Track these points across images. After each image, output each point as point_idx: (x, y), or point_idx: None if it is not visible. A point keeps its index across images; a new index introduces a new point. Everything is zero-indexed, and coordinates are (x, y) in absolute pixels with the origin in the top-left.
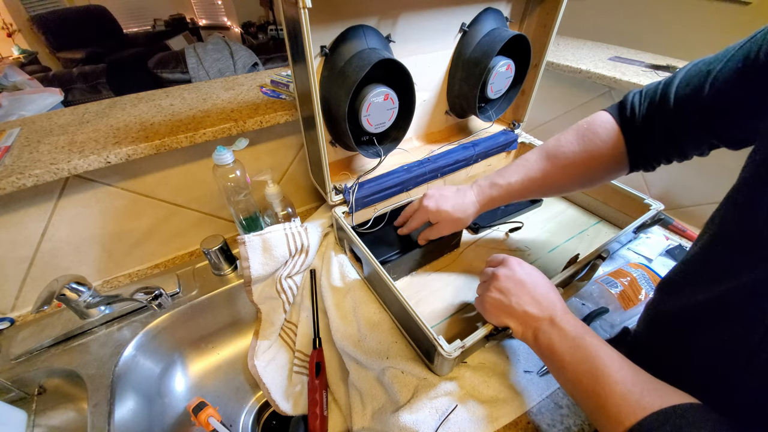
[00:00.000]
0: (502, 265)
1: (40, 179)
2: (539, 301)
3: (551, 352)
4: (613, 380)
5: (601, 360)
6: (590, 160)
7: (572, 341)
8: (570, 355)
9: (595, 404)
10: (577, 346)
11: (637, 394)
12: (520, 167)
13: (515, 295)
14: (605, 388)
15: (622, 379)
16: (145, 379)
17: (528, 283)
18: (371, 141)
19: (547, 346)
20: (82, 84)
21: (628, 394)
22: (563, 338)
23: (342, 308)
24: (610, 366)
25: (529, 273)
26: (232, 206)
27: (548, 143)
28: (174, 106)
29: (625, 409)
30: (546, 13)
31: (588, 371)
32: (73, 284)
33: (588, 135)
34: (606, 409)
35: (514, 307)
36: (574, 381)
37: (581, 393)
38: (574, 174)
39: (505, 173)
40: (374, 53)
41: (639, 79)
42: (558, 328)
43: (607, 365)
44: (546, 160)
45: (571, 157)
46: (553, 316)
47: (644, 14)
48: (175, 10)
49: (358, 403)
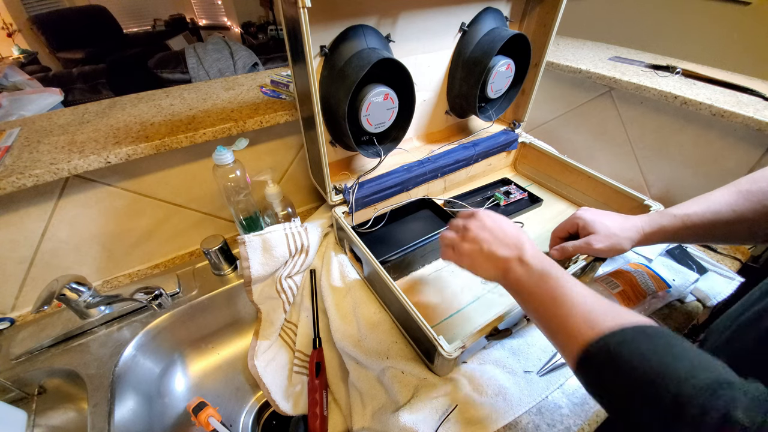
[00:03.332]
0: (473, 218)
1: (40, 179)
2: (508, 244)
3: (519, 286)
4: (573, 303)
5: (563, 288)
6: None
7: (538, 275)
8: (536, 287)
9: (556, 326)
10: (542, 278)
11: (594, 315)
12: (702, 199)
13: (486, 242)
14: (566, 311)
15: (582, 302)
16: (145, 379)
17: (496, 229)
18: (371, 141)
19: (516, 281)
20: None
21: (587, 314)
22: (530, 273)
23: (342, 308)
24: (571, 292)
25: (496, 220)
26: (232, 206)
27: (741, 179)
28: (174, 106)
29: (583, 327)
30: (546, 12)
31: (551, 298)
32: (73, 284)
33: None
34: (566, 329)
35: (486, 253)
36: (540, 309)
37: (545, 319)
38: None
39: (682, 204)
40: (374, 53)
41: (639, 79)
42: (526, 265)
43: (568, 292)
44: (736, 194)
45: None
46: (521, 256)
47: (644, 14)
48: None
49: (358, 403)
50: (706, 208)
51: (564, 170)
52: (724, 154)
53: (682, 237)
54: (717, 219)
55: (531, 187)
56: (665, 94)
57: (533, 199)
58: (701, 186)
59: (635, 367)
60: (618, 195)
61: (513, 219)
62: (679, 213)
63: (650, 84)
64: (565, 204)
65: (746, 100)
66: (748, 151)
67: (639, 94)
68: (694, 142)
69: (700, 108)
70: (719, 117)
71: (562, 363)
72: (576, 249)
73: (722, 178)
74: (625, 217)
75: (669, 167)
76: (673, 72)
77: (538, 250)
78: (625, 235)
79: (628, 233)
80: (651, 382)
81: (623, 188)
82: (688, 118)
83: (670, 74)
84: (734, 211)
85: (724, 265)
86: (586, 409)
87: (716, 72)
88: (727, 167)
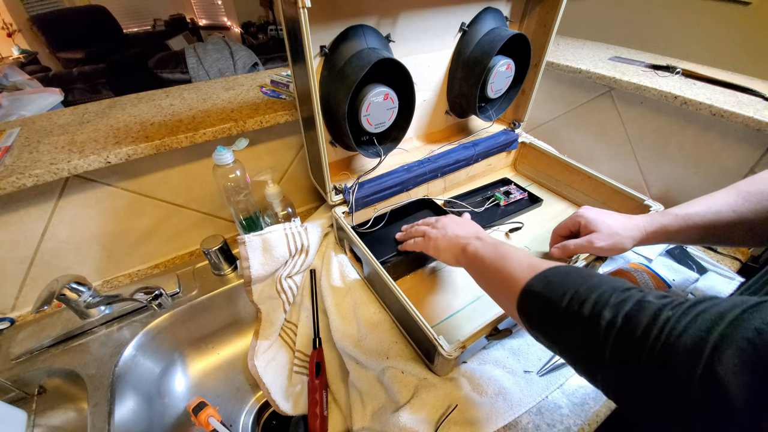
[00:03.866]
0: (439, 220)
1: (40, 179)
2: (467, 229)
3: (475, 256)
4: (515, 261)
5: (509, 253)
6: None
7: (491, 246)
8: (489, 256)
9: (500, 280)
10: (494, 248)
11: (531, 266)
12: (702, 199)
13: (450, 229)
14: (508, 268)
15: (521, 259)
16: (145, 379)
17: (459, 222)
18: (371, 141)
19: (473, 253)
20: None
21: (527, 267)
22: (485, 246)
23: (342, 308)
24: (514, 254)
25: (457, 218)
26: (232, 206)
27: (740, 181)
28: (174, 106)
29: (521, 275)
30: (546, 12)
31: (500, 261)
32: (73, 284)
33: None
34: (507, 280)
35: (450, 236)
36: (491, 272)
37: (494, 281)
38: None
39: (684, 205)
40: (374, 53)
41: (639, 79)
42: (481, 240)
43: (512, 254)
44: (736, 195)
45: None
46: (477, 235)
47: (644, 14)
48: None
49: (358, 403)
50: (707, 208)
51: (564, 170)
52: (724, 154)
53: (683, 237)
54: (718, 219)
55: (531, 187)
56: (665, 94)
57: (533, 199)
58: (701, 186)
59: (558, 293)
60: (618, 195)
61: (513, 219)
62: (680, 213)
63: (650, 84)
64: (565, 204)
65: (746, 100)
66: (748, 151)
67: (639, 94)
68: (694, 142)
69: (700, 108)
70: (719, 117)
71: (563, 363)
72: (578, 247)
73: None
74: (626, 217)
75: (669, 167)
76: (673, 72)
77: (489, 235)
78: (627, 234)
79: (630, 232)
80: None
81: (623, 188)
82: (688, 118)
83: (670, 74)
84: (734, 211)
85: (724, 265)
86: (586, 409)
87: (716, 72)
88: (727, 167)
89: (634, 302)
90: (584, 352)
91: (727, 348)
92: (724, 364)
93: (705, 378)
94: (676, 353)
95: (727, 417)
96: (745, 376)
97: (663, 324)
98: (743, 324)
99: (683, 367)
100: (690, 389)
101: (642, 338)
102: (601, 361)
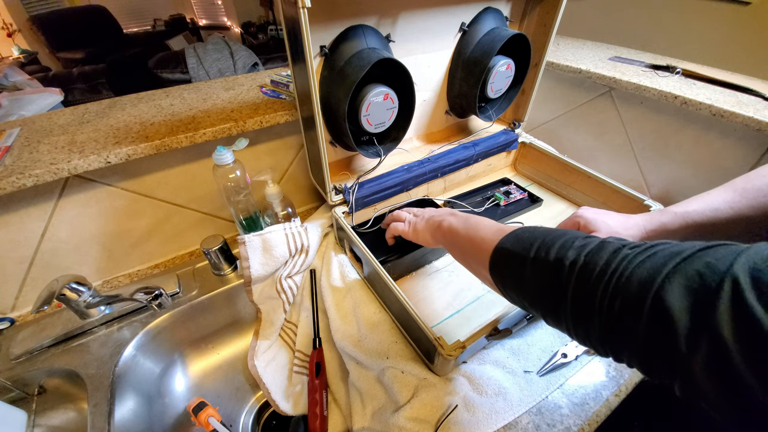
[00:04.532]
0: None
1: (40, 179)
2: (439, 212)
3: (450, 229)
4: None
5: (479, 221)
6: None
7: (463, 219)
8: (462, 227)
9: (472, 247)
10: (466, 220)
11: (501, 229)
12: (700, 197)
13: (427, 213)
14: (480, 233)
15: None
16: (145, 379)
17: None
18: (371, 141)
19: (448, 227)
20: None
21: (496, 230)
22: (458, 219)
23: (342, 308)
24: (484, 222)
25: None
26: (232, 206)
27: (736, 179)
28: (174, 106)
29: (491, 238)
30: (546, 12)
31: (472, 230)
32: (73, 284)
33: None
34: (480, 246)
35: (427, 218)
36: (464, 241)
37: (467, 249)
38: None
39: (682, 203)
40: (374, 53)
41: (639, 79)
42: (455, 216)
43: (483, 222)
44: (733, 191)
45: (765, 189)
46: (451, 212)
47: (644, 14)
48: (175, 10)
49: (358, 403)
50: (705, 205)
51: (564, 170)
52: (724, 154)
53: (682, 235)
54: (716, 216)
55: (531, 187)
56: (665, 94)
57: (533, 199)
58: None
59: (526, 243)
60: (618, 195)
61: (513, 219)
62: (679, 211)
63: (650, 84)
64: (565, 204)
65: (746, 100)
66: (748, 151)
67: (639, 94)
68: (694, 142)
69: (700, 108)
70: (719, 117)
71: (562, 363)
72: None
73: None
74: (626, 216)
75: (669, 167)
76: (673, 72)
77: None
78: (627, 233)
79: (630, 231)
80: (537, 255)
81: (623, 188)
82: (688, 118)
83: (670, 74)
84: (732, 208)
85: None
86: (586, 409)
87: (716, 72)
88: (727, 167)
89: (596, 243)
90: (550, 296)
91: (677, 278)
92: (672, 291)
93: (654, 306)
94: (630, 283)
95: (672, 344)
96: (686, 300)
97: (621, 259)
98: (696, 260)
99: (636, 296)
100: (641, 318)
101: (600, 272)
102: (565, 301)
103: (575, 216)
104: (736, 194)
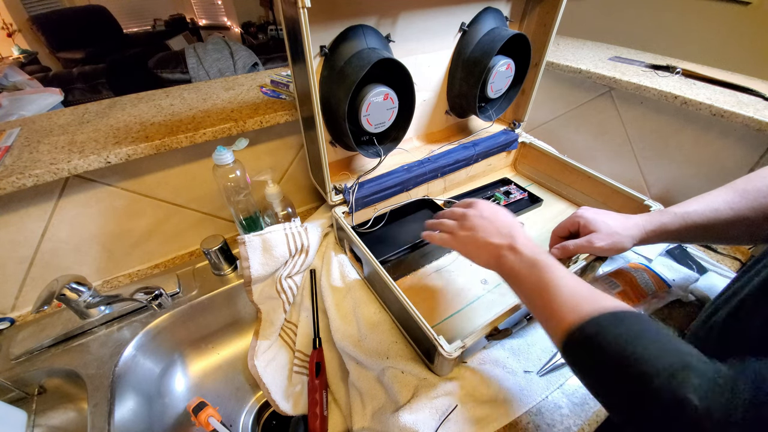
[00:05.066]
0: (471, 207)
1: (40, 179)
2: (501, 232)
3: (511, 271)
4: (559, 289)
5: (550, 275)
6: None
7: (528, 261)
8: (527, 274)
9: (545, 312)
10: (533, 265)
11: (576, 300)
12: (700, 198)
13: (482, 230)
14: (551, 297)
15: (566, 288)
16: (145, 379)
17: (492, 218)
18: (371, 141)
19: (509, 267)
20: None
21: (570, 299)
22: (521, 260)
23: (342, 308)
24: (557, 278)
25: (493, 210)
26: (232, 206)
27: (737, 180)
28: (174, 106)
29: (566, 313)
30: (546, 12)
31: (541, 285)
32: (73, 284)
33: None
34: (552, 314)
35: (481, 241)
36: (531, 295)
37: (537, 305)
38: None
39: (682, 203)
40: (374, 53)
41: (639, 79)
42: (518, 253)
43: (555, 278)
44: (733, 192)
45: (765, 190)
46: (513, 243)
47: (644, 14)
48: (175, 10)
49: (358, 403)
50: (705, 206)
51: (564, 170)
52: (724, 154)
53: (682, 236)
54: (716, 217)
55: (531, 187)
56: (665, 94)
57: (533, 199)
58: (701, 186)
59: (608, 351)
60: (618, 195)
61: None
62: (679, 211)
63: (650, 84)
64: (565, 204)
65: (746, 100)
66: (748, 151)
67: (639, 94)
68: (694, 142)
69: (700, 108)
70: (719, 117)
71: (562, 363)
72: (577, 247)
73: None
74: (626, 216)
75: (669, 167)
76: (673, 72)
77: (530, 239)
78: (627, 234)
79: (630, 231)
80: (620, 365)
81: (623, 188)
82: (688, 118)
83: (670, 74)
84: (732, 209)
85: (724, 265)
86: (586, 409)
87: (716, 72)
88: (727, 167)
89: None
90: (630, 412)
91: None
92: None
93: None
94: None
95: None
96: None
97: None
98: None
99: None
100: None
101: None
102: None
103: (575, 216)
104: (737, 195)
